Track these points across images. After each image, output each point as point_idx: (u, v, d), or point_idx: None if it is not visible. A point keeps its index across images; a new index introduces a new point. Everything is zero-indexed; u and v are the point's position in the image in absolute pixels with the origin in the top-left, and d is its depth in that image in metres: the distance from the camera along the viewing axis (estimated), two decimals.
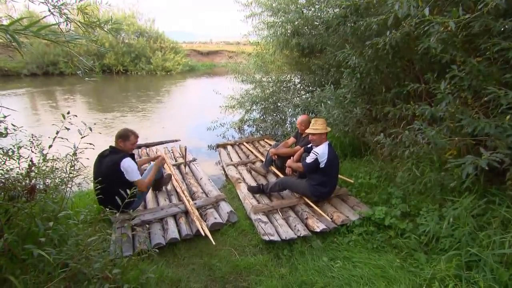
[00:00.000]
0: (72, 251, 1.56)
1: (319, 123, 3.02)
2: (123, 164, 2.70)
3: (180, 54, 21.91)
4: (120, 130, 2.87)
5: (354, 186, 3.49)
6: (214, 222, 2.78)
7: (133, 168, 2.75)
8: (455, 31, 2.09)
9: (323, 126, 3.01)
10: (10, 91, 12.84)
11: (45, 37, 0.92)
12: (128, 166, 2.72)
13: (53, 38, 0.98)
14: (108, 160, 2.74)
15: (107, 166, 2.71)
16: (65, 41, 1.08)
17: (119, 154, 2.76)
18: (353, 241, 2.61)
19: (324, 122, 3.06)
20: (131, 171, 2.73)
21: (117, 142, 2.83)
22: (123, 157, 2.74)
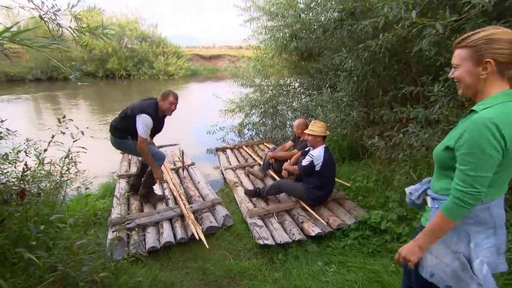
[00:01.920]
0: (62, 254, 1.56)
1: (317, 125, 3.01)
2: (141, 117, 2.82)
3: (182, 58, 22.10)
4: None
5: (351, 189, 3.46)
6: (209, 225, 2.77)
7: (144, 125, 2.82)
8: (448, 34, 2.10)
9: (320, 129, 3.00)
10: (16, 96, 13.00)
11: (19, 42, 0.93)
12: (144, 119, 2.82)
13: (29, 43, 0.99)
14: (143, 103, 2.94)
15: (138, 104, 2.93)
16: (40, 46, 1.09)
17: (149, 107, 2.88)
18: (349, 245, 2.59)
19: (323, 125, 3.04)
20: (142, 125, 2.82)
21: (159, 100, 2.96)
22: (147, 113, 2.82)
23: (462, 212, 1.07)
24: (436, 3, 2.11)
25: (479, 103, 1.08)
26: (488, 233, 1.14)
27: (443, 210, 1.10)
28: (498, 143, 0.99)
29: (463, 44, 1.10)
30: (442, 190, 1.18)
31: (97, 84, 17.75)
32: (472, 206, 1.05)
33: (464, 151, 1.04)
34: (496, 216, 1.15)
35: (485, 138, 0.99)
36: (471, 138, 1.01)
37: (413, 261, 1.17)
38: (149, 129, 2.88)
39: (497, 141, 0.98)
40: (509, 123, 0.99)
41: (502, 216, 1.17)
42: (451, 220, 1.09)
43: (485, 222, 1.13)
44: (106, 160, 5.38)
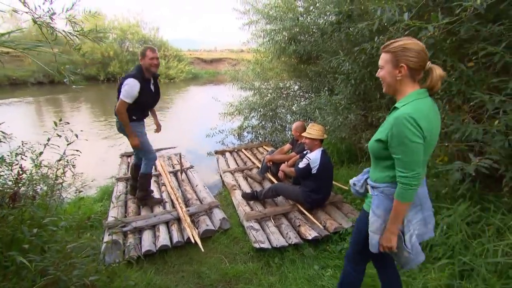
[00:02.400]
0: (54, 257, 1.56)
1: (314, 128, 3.01)
2: (126, 81, 2.74)
3: (183, 62, 22.18)
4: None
5: (350, 193, 3.45)
6: (205, 229, 2.76)
7: (127, 87, 2.72)
8: (444, 36, 2.10)
9: (318, 132, 2.99)
10: (18, 99, 13.08)
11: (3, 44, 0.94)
12: (127, 83, 2.72)
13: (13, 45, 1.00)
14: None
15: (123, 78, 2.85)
16: (24, 49, 1.10)
17: (133, 70, 2.84)
18: (345, 249, 2.56)
19: (320, 128, 3.03)
20: (125, 88, 2.73)
21: (140, 60, 2.85)
22: (131, 76, 2.75)
23: (410, 194, 1.26)
24: (432, 5, 2.10)
25: (399, 101, 1.30)
26: (416, 210, 1.37)
27: (396, 197, 1.30)
28: (418, 132, 1.20)
29: (387, 49, 1.31)
30: (379, 179, 1.39)
31: (99, 87, 17.84)
32: (416, 186, 1.25)
33: (396, 143, 1.24)
34: (421, 194, 1.37)
35: (408, 129, 1.20)
36: (398, 131, 1.22)
37: (394, 246, 1.37)
38: (133, 92, 2.73)
39: (417, 130, 1.20)
40: (422, 116, 1.21)
41: (425, 194, 1.42)
42: (405, 203, 1.29)
43: (413, 200, 1.32)
44: (106, 163, 5.40)
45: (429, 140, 1.25)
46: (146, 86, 2.84)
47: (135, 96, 2.76)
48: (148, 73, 2.87)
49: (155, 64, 2.83)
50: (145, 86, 2.82)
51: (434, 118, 1.28)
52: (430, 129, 1.23)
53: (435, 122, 1.29)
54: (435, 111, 1.30)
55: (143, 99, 2.84)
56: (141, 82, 2.76)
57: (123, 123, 2.82)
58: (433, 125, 1.26)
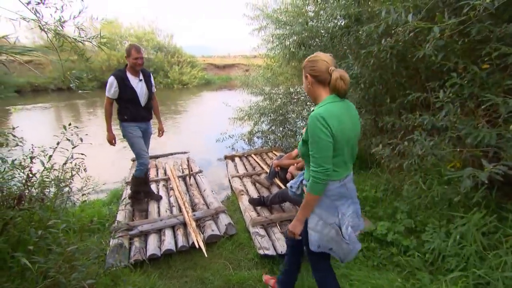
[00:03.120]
0: (57, 259, 1.58)
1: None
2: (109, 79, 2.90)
3: (196, 68, 22.52)
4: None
5: (359, 199, 3.35)
6: (211, 234, 2.74)
7: (108, 84, 2.89)
8: (455, 38, 2.02)
9: None
10: (40, 105, 13.62)
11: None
12: (108, 81, 2.89)
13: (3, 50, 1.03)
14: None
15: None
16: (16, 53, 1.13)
17: (116, 71, 2.96)
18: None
19: None
20: (107, 85, 2.90)
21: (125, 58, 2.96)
22: (112, 73, 2.91)
23: (319, 187, 1.41)
24: (442, 6, 2.03)
25: (317, 105, 1.47)
26: (348, 203, 1.54)
27: (307, 189, 1.46)
28: (326, 130, 1.35)
29: (303, 65, 1.52)
30: (309, 177, 1.50)
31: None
32: (324, 181, 1.39)
33: (310, 141, 1.40)
34: (350, 189, 1.55)
35: (318, 127, 1.35)
36: (311, 129, 1.38)
37: (297, 233, 1.56)
38: (110, 88, 2.89)
39: (325, 128, 1.35)
40: (332, 116, 1.36)
41: (354, 189, 1.59)
42: (314, 195, 1.44)
43: (344, 195, 1.51)
44: (117, 166, 5.49)
45: (340, 139, 1.40)
46: (127, 83, 2.93)
47: (114, 92, 2.91)
48: (133, 70, 2.97)
49: (139, 64, 2.93)
50: (126, 83, 2.92)
51: (346, 119, 1.43)
52: (340, 129, 1.38)
53: (348, 123, 1.43)
54: (349, 113, 1.47)
55: (124, 96, 2.95)
56: (119, 79, 2.88)
57: (105, 116, 3.02)
58: (344, 125, 1.40)
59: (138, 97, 3.02)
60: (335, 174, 1.46)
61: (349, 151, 1.49)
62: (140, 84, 3.04)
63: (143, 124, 3.18)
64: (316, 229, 1.51)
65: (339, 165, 1.47)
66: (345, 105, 1.47)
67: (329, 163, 1.37)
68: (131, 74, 2.98)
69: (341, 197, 1.51)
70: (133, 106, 3.04)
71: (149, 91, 3.15)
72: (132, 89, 2.98)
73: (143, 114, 3.14)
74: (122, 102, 3.01)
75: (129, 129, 3.05)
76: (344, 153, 1.45)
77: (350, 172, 1.58)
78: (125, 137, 3.10)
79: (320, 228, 1.50)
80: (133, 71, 2.98)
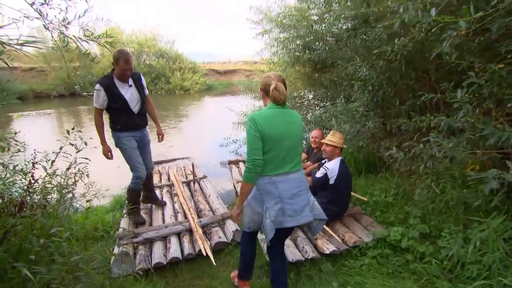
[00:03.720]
0: (60, 270, 1.50)
1: (337, 136, 2.88)
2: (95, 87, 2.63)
3: (198, 73, 22.59)
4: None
5: (368, 204, 3.26)
6: (218, 241, 2.65)
7: (96, 94, 2.64)
8: (471, 36, 1.95)
9: (340, 140, 2.86)
10: (41, 111, 13.61)
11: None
12: (95, 90, 2.63)
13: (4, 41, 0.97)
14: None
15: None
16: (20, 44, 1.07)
17: (103, 76, 2.74)
18: (366, 265, 2.39)
19: (342, 136, 2.91)
20: (94, 95, 2.65)
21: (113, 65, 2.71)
22: (98, 82, 2.65)
23: (250, 176, 1.72)
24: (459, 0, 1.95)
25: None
26: (276, 200, 1.74)
27: (242, 178, 1.77)
28: (255, 127, 1.69)
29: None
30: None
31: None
32: (253, 170, 1.69)
33: (246, 138, 1.75)
34: (281, 189, 1.75)
35: (249, 126, 1.71)
36: (247, 127, 1.73)
37: (234, 216, 1.92)
38: (98, 98, 2.65)
39: (255, 126, 1.69)
40: (261, 118, 1.72)
41: (287, 190, 1.76)
42: (246, 183, 1.76)
43: (271, 192, 1.75)
44: (121, 172, 5.41)
45: (267, 137, 1.69)
46: (115, 90, 2.69)
47: (103, 102, 2.69)
48: (120, 77, 2.72)
49: (126, 75, 2.71)
50: (114, 91, 2.69)
51: (278, 121, 1.73)
52: (268, 128, 1.70)
53: (280, 125, 1.73)
54: (285, 118, 1.76)
55: (114, 105, 2.72)
56: (105, 87, 2.64)
57: (96, 129, 2.81)
58: (274, 126, 1.71)
59: (129, 105, 2.77)
60: (266, 169, 1.74)
61: (282, 151, 1.74)
62: (130, 91, 2.78)
63: (138, 132, 2.94)
64: (249, 215, 1.88)
65: (270, 161, 1.73)
66: (282, 111, 1.78)
67: (257, 155, 1.68)
68: (119, 80, 2.72)
69: (267, 193, 1.76)
70: (125, 114, 2.80)
71: (141, 95, 2.88)
72: (121, 97, 2.72)
73: (137, 121, 2.89)
74: (113, 111, 2.77)
75: (123, 139, 2.83)
76: (275, 151, 1.72)
77: (288, 174, 1.77)
78: (119, 148, 2.88)
79: (252, 215, 1.86)
80: (120, 77, 2.72)
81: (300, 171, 1.85)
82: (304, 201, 1.80)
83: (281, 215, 1.72)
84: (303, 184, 1.83)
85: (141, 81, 2.90)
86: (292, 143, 1.76)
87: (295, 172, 1.80)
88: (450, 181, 2.78)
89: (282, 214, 1.73)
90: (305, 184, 1.85)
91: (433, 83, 3.17)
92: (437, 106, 3.12)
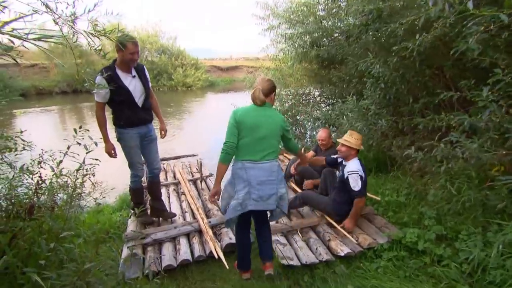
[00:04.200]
0: (71, 275, 1.44)
1: (354, 137, 2.73)
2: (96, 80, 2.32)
3: (200, 70, 22.48)
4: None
5: (381, 204, 3.19)
6: (228, 242, 2.59)
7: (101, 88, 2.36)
8: (496, 31, 1.87)
9: (357, 141, 2.71)
10: (44, 108, 13.57)
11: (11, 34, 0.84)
12: (96, 82, 2.30)
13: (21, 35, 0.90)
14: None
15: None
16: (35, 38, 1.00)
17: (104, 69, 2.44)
18: (382, 268, 2.32)
19: (360, 138, 2.76)
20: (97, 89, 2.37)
21: (117, 51, 2.44)
22: (99, 73, 2.36)
23: (223, 156, 2.01)
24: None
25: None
26: (244, 184, 1.99)
27: (218, 159, 2.04)
28: (233, 118, 2.02)
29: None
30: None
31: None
32: (225, 151, 1.99)
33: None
34: (250, 175, 1.99)
35: (230, 117, 2.04)
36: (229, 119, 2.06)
37: (211, 196, 2.14)
38: (101, 90, 2.42)
39: (234, 116, 2.02)
40: (241, 110, 2.04)
41: (256, 176, 1.99)
42: (220, 163, 2.03)
43: (241, 177, 2.00)
44: (125, 169, 5.36)
45: (243, 127, 1.99)
46: (119, 82, 2.48)
47: (105, 95, 2.50)
48: (125, 67, 2.52)
49: (135, 59, 2.50)
50: (118, 82, 2.47)
51: (254, 114, 2.02)
52: (244, 120, 1.99)
53: (255, 117, 2.01)
54: (261, 113, 2.03)
55: (117, 97, 2.52)
56: (108, 78, 2.38)
57: (98, 125, 2.62)
58: (249, 119, 2.00)
59: (133, 98, 2.58)
60: (239, 154, 2.02)
61: (254, 139, 2.00)
62: (133, 82, 2.58)
63: (143, 128, 2.74)
64: (224, 197, 2.12)
65: (244, 147, 2.00)
66: (262, 108, 2.05)
67: (231, 139, 1.98)
68: (122, 71, 2.52)
69: (238, 178, 2.00)
70: (129, 108, 2.60)
71: (146, 88, 2.68)
72: (125, 89, 2.52)
73: (141, 116, 2.70)
74: (116, 105, 2.59)
75: (126, 136, 2.67)
76: (248, 138, 1.99)
77: (258, 163, 2.01)
78: (120, 144, 2.73)
79: (227, 198, 2.10)
80: (124, 67, 2.52)
81: (272, 162, 2.07)
82: (272, 190, 2.01)
83: (247, 198, 1.94)
84: (273, 174, 2.04)
85: (145, 72, 2.71)
86: (264, 134, 2.01)
87: (266, 162, 2.03)
88: (466, 182, 2.70)
89: (249, 198, 1.94)
90: (276, 175, 2.06)
91: (447, 80, 3.08)
92: (451, 104, 3.03)
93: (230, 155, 2.00)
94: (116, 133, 2.72)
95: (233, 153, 2.00)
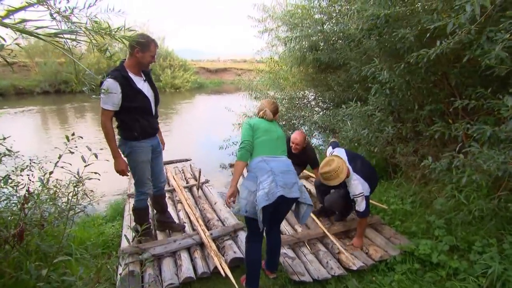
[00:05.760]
0: None
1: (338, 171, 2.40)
2: (103, 85, 2.06)
3: (189, 71, 22.13)
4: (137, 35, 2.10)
5: (387, 213, 3.12)
6: (234, 257, 2.42)
7: (110, 93, 2.05)
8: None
9: (343, 172, 2.41)
10: (23, 109, 12.90)
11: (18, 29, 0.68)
12: (107, 86, 2.04)
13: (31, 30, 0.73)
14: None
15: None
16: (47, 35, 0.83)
17: (112, 70, 2.19)
18: (396, 282, 2.23)
19: (342, 162, 2.45)
20: (106, 95, 2.05)
21: (134, 53, 2.16)
22: (108, 75, 2.12)
23: (241, 154, 2.03)
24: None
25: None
26: (268, 174, 1.92)
27: (236, 157, 2.08)
28: (248, 123, 2.13)
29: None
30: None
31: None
32: (244, 148, 2.03)
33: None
34: (272, 166, 1.97)
35: (244, 123, 2.16)
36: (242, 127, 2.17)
37: (228, 197, 2.03)
38: (114, 96, 2.10)
39: (248, 122, 2.14)
40: (255, 120, 2.17)
41: (278, 167, 1.97)
42: (239, 161, 2.04)
43: (263, 168, 1.96)
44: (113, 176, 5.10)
45: (257, 127, 2.09)
46: (134, 85, 2.20)
47: (117, 101, 2.15)
48: (137, 69, 2.26)
49: (153, 62, 2.30)
50: (133, 86, 2.20)
51: (266, 123, 2.14)
52: (258, 124, 2.12)
53: (266, 124, 2.14)
54: (269, 124, 2.16)
55: (132, 104, 2.21)
56: (122, 82, 2.13)
57: (107, 139, 2.21)
58: (262, 123, 2.13)
59: (151, 104, 2.32)
60: (258, 151, 2.04)
61: (271, 138, 2.09)
62: (146, 86, 2.32)
63: (154, 139, 2.47)
64: (245, 198, 1.96)
65: (261, 145, 2.05)
66: (270, 123, 2.18)
67: (247, 138, 2.04)
68: (134, 74, 2.24)
69: (260, 169, 1.96)
70: (142, 116, 2.30)
71: (156, 93, 2.44)
72: (141, 93, 2.24)
73: (154, 125, 2.43)
74: (126, 114, 2.24)
75: (139, 149, 2.32)
76: (265, 137, 2.07)
77: (278, 157, 2.05)
78: (129, 159, 2.37)
79: (246, 195, 1.96)
80: (136, 70, 2.24)
81: (288, 159, 2.10)
82: (294, 179, 1.99)
83: (274, 186, 1.86)
84: (291, 167, 2.05)
85: (151, 76, 2.44)
86: (278, 136, 2.12)
87: (283, 156, 2.10)
88: (475, 191, 2.66)
89: (275, 186, 1.87)
90: (293, 169, 2.07)
91: (452, 88, 3.05)
92: (456, 112, 3.00)
93: (249, 151, 2.03)
94: (124, 148, 2.34)
95: (251, 149, 2.03)
